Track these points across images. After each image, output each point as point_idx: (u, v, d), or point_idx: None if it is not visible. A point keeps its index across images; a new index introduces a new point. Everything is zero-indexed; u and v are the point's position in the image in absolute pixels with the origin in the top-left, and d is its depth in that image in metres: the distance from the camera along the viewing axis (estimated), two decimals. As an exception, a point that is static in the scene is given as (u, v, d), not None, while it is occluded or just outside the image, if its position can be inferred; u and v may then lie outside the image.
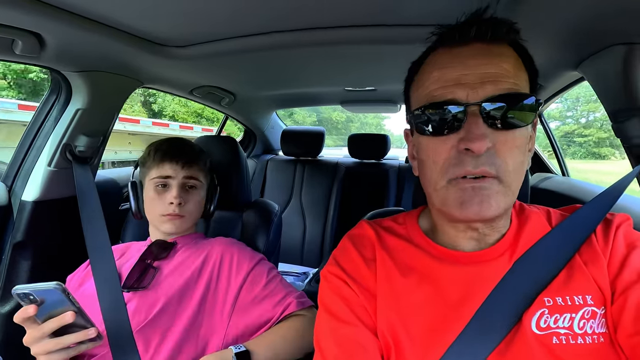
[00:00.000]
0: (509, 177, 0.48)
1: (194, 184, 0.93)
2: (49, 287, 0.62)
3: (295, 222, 2.21)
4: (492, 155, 0.47)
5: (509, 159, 0.48)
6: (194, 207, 0.93)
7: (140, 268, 0.86)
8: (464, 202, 0.49)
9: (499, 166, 0.48)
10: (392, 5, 0.80)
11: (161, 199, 0.89)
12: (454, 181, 0.49)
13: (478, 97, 0.48)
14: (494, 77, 0.48)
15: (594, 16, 0.67)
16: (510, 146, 0.48)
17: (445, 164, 0.50)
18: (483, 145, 0.46)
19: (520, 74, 0.50)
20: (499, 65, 0.48)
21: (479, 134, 0.47)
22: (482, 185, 0.48)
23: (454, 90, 0.49)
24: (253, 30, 0.95)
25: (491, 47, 0.50)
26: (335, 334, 0.55)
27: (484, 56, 0.49)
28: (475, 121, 0.47)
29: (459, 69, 0.49)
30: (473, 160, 0.47)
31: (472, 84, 0.48)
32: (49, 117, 1.13)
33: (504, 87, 0.48)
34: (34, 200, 1.10)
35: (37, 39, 0.81)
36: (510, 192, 0.49)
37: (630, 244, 0.50)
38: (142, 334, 0.77)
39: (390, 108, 2.22)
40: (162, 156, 0.90)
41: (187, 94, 1.60)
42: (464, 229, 0.54)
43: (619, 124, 0.74)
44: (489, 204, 0.48)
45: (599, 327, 0.47)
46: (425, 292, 0.53)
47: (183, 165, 0.90)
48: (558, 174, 1.70)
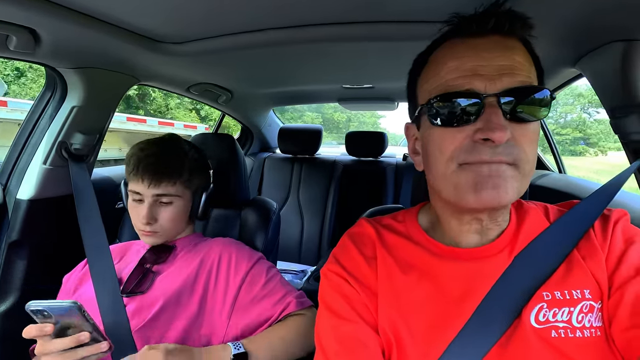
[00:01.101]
0: (527, 166, 0.48)
1: (169, 200, 0.86)
2: (66, 305, 0.62)
3: (293, 220, 2.21)
4: (511, 146, 0.47)
5: (528, 151, 0.48)
6: (169, 223, 0.87)
7: (139, 272, 0.85)
8: (478, 183, 0.47)
9: (516, 155, 0.47)
10: (390, 2, 0.79)
11: (136, 212, 0.86)
12: (467, 165, 0.48)
13: (496, 88, 0.47)
14: (510, 70, 0.48)
15: (593, 13, 0.67)
16: (527, 139, 0.48)
17: (455, 151, 0.49)
18: (504, 136, 0.46)
19: (532, 68, 0.51)
20: (514, 59, 0.48)
21: (500, 124, 0.46)
22: (498, 168, 0.47)
23: (471, 80, 0.48)
24: (250, 27, 0.95)
25: (505, 40, 0.50)
26: (336, 332, 0.55)
27: (499, 49, 0.49)
28: (495, 111, 0.47)
29: (475, 59, 0.49)
30: (490, 150, 0.47)
31: (490, 75, 0.48)
32: (44, 115, 1.11)
33: (520, 80, 0.48)
34: (30, 199, 1.09)
35: (31, 35, 0.80)
36: (525, 180, 0.49)
37: (628, 240, 0.51)
38: (141, 335, 0.77)
39: (387, 105, 2.22)
40: (130, 170, 0.85)
41: (184, 91, 1.59)
42: (468, 221, 0.54)
43: (617, 120, 0.74)
44: (505, 190, 0.47)
45: (597, 321, 0.47)
46: (426, 289, 0.53)
47: (150, 184, 0.83)
48: (555, 171, 1.71)
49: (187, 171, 0.89)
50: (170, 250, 0.91)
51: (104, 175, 1.41)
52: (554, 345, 0.46)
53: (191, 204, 0.93)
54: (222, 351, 0.74)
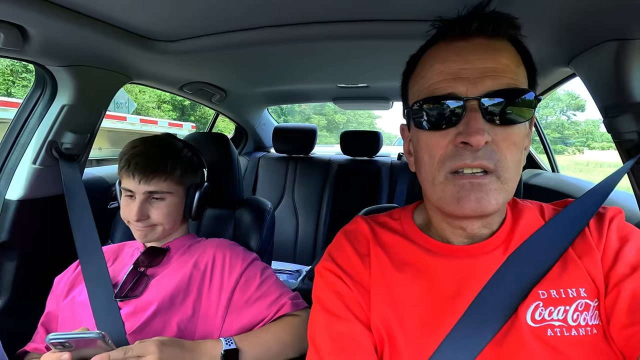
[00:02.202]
0: (507, 173, 0.48)
1: (160, 197, 0.86)
2: (92, 336, 0.62)
3: (287, 220, 2.20)
4: (491, 151, 0.47)
5: (508, 155, 0.48)
6: (162, 218, 0.86)
7: (133, 276, 0.84)
8: (461, 197, 0.48)
9: (497, 161, 0.47)
10: (385, 1, 0.79)
11: (128, 209, 0.85)
12: (452, 176, 0.49)
13: (477, 91, 0.48)
14: (494, 72, 0.48)
15: (586, 12, 0.67)
16: (508, 143, 0.48)
17: (441, 158, 0.50)
18: (481, 140, 0.46)
19: (519, 69, 0.50)
20: (499, 61, 0.48)
21: (478, 128, 0.46)
22: (480, 181, 0.48)
23: (453, 84, 0.49)
24: (244, 25, 0.94)
25: (491, 42, 0.50)
26: (329, 329, 0.55)
27: (484, 51, 0.49)
28: (474, 116, 0.47)
29: (458, 63, 0.49)
30: (471, 155, 0.47)
31: (472, 78, 0.48)
32: (34, 114, 1.09)
33: (503, 82, 0.48)
34: (19, 199, 1.07)
35: (19, 32, 0.79)
36: (508, 188, 0.49)
37: (623, 237, 0.51)
38: (135, 338, 0.76)
39: (382, 105, 2.22)
40: (122, 167, 0.85)
41: (178, 90, 1.58)
42: (458, 226, 0.54)
43: (610, 119, 0.75)
44: (487, 201, 0.48)
45: (592, 319, 0.47)
46: (420, 286, 0.53)
47: (140, 180, 0.83)
48: (548, 170, 1.72)
49: (178, 168, 0.88)
50: (163, 252, 0.90)
51: (96, 175, 1.40)
52: (549, 344, 0.46)
53: (184, 201, 0.92)
54: (213, 345, 0.74)
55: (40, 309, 0.88)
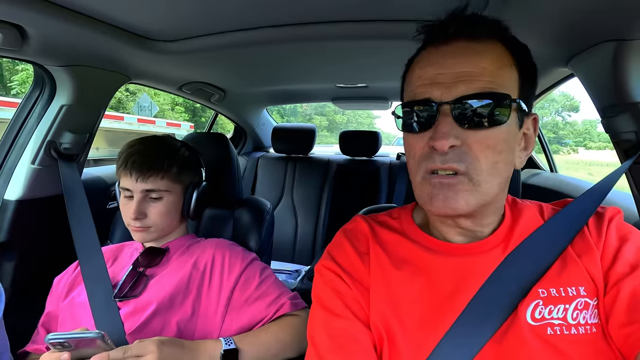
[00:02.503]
0: (479, 176, 0.49)
1: (158, 195, 0.86)
2: (91, 335, 0.62)
3: (287, 220, 2.20)
4: (462, 153, 0.48)
5: (481, 157, 0.48)
6: (159, 218, 0.86)
7: (133, 276, 0.84)
8: (432, 196, 0.50)
9: (469, 163, 0.48)
10: (384, 1, 0.79)
11: (126, 209, 0.86)
12: (427, 176, 0.51)
13: (451, 96, 0.48)
14: (469, 76, 0.48)
15: (584, 13, 0.68)
16: (481, 146, 0.48)
17: (419, 159, 0.52)
18: (445, 144, 0.47)
19: (503, 71, 0.50)
20: (476, 64, 0.48)
21: (443, 133, 0.48)
22: (449, 182, 0.49)
23: (430, 89, 0.50)
24: (243, 25, 0.94)
25: (471, 45, 0.50)
26: (328, 327, 0.55)
27: (462, 54, 0.49)
28: (444, 120, 0.48)
29: (436, 67, 0.50)
30: (440, 157, 0.49)
31: (447, 83, 0.49)
32: (32, 114, 1.09)
33: (477, 86, 0.48)
34: (18, 199, 1.07)
35: (18, 32, 0.79)
36: (482, 190, 0.49)
37: (623, 237, 0.51)
38: (134, 338, 0.76)
39: (381, 105, 2.23)
40: (118, 167, 0.85)
41: (177, 90, 1.58)
42: (451, 224, 0.55)
43: (608, 119, 0.75)
44: (455, 201, 0.49)
45: (592, 318, 0.48)
46: (420, 284, 0.54)
47: (137, 178, 0.83)
48: (546, 170, 1.73)
49: (175, 166, 0.88)
50: (163, 253, 0.90)
51: (95, 175, 1.39)
52: (549, 343, 0.47)
53: (182, 200, 0.92)
54: (213, 345, 0.74)
55: (40, 309, 0.88)
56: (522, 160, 0.54)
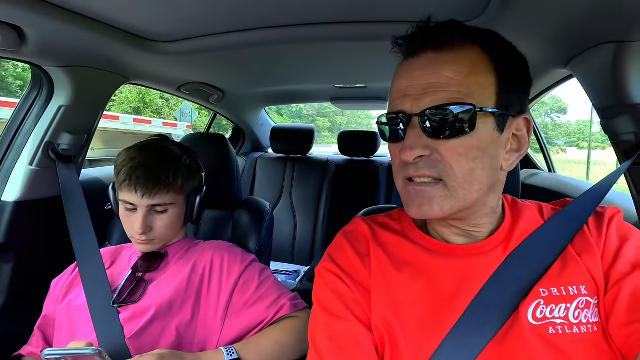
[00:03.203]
0: (454, 182, 0.49)
1: (163, 209, 0.85)
2: (87, 351, 0.61)
3: (285, 221, 2.20)
4: (434, 161, 0.49)
5: (455, 165, 0.49)
6: (164, 230, 0.86)
7: (132, 282, 0.84)
8: (408, 202, 0.53)
9: (441, 170, 0.49)
10: (382, 2, 0.79)
11: (129, 221, 0.84)
12: (406, 182, 0.53)
13: (419, 107, 0.49)
14: (434, 88, 0.48)
15: (584, 15, 0.68)
16: (452, 154, 0.49)
17: (397, 167, 0.54)
18: (409, 156, 0.49)
19: (474, 78, 0.48)
20: (442, 75, 0.48)
21: (408, 145, 0.49)
22: (423, 189, 0.50)
23: (402, 101, 0.51)
24: (242, 26, 0.94)
25: (439, 55, 0.49)
26: (329, 329, 0.55)
27: (430, 66, 0.49)
28: (411, 132, 0.50)
29: (407, 80, 0.51)
30: (413, 166, 0.50)
31: (415, 95, 0.50)
32: (30, 115, 1.08)
33: (442, 97, 0.48)
34: (15, 201, 1.06)
35: (16, 33, 0.78)
36: (458, 196, 0.50)
37: (623, 236, 0.52)
38: (133, 343, 0.76)
39: (380, 105, 2.23)
40: (121, 182, 0.82)
41: (175, 91, 1.57)
42: (447, 226, 0.56)
43: (608, 120, 0.75)
44: (430, 207, 0.50)
45: (593, 317, 0.48)
46: (420, 285, 0.54)
47: (143, 194, 0.81)
48: (545, 170, 1.73)
49: (180, 177, 0.86)
50: (162, 257, 0.89)
51: (93, 176, 1.39)
52: (551, 342, 0.47)
53: (185, 209, 0.91)
54: (214, 356, 0.74)
55: (37, 312, 0.87)
56: (512, 162, 0.53)
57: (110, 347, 0.74)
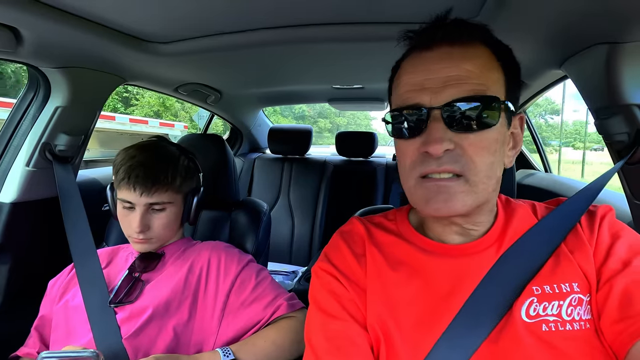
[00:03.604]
0: (475, 177, 0.49)
1: (161, 207, 0.85)
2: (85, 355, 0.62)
3: (283, 221, 2.20)
4: (457, 155, 0.49)
5: (476, 159, 0.49)
6: (162, 229, 0.86)
7: (128, 282, 0.84)
8: (429, 199, 0.50)
9: (464, 164, 0.49)
10: (380, 3, 0.80)
11: (127, 220, 0.84)
12: (421, 179, 0.51)
13: (440, 101, 0.49)
14: (456, 80, 0.49)
15: (578, 16, 0.68)
16: (475, 147, 0.49)
17: (411, 164, 0.52)
18: (439, 149, 0.48)
19: (488, 73, 0.50)
20: (462, 68, 0.49)
21: (437, 138, 0.48)
22: (446, 184, 0.49)
23: (418, 94, 0.50)
24: (239, 26, 0.94)
25: (456, 50, 0.50)
26: (325, 329, 0.55)
27: (447, 59, 0.50)
28: (436, 125, 0.48)
29: (423, 73, 0.50)
30: (435, 161, 0.49)
31: (435, 88, 0.49)
32: (27, 115, 1.08)
33: (466, 90, 0.48)
34: (12, 202, 1.06)
35: (13, 34, 0.78)
36: (479, 191, 0.50)
37: (615, 234, 0.52)
38: (130, 343, 0.76)
39: (377, 106, 2.23)
40: (120, 181, 0.83)
41: (172, 92, 1.57)
42: (447, 224, 0.55)
43: (601, 120, 0.76)
44: (453, 203, 0.49)
45: (585, 314, 0.48)
46: (416, 285, 0.54)
47: (142, 193, 0.81)
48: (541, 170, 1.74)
49: (178, 177, 0.87)
50: (158, 258, 0.89)
51: (90, 177, 1.38)
52: (544, 339, 0.47)
53: (183, 208, 0.91)
54: (211, 358, 0.74)
55: (34, 312, 0.87)
56: (511, 159, 0.55)
57: (107, 347, 0.74)
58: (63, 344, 0.79)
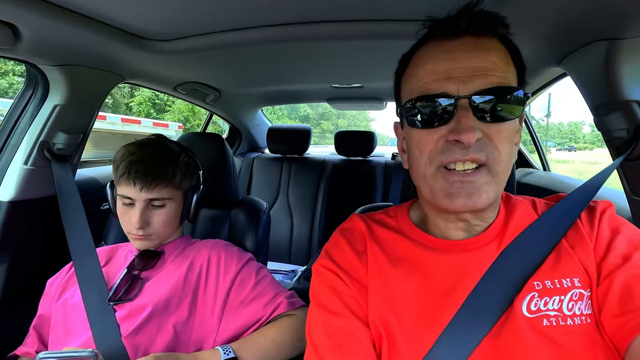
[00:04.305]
0: (498, 166, 0.50)
1: (161, 203, 0.85)
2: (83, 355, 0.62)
3: (282, 220, 2.20)
4: (483, 144, 0.49)
5: (501, 148, 0.49)
6: (161, 225, 0.86)
7: (127, 280, 0.84)
8: (452, 194, 0.50)
9: (489, 153, 0.49)
10: (378, 1, 0.80)
11: (127, 217, 0.84)
12: (443, 171, 0.50)
13: (468, 90, 0.49)
14: (483, 71, 0.49)
15: (576, 13, 0.69)
16: (500, 137, 0.49)
17: (432, 153, 0.51)
18: (472, 137, 0.48)
19: (508, 67, 0.51)
20: (488, 59, 0.49)
21: (469, 126, 0.48)
22: (470, 179, 0.49)
23: (444, 83, 0.50)
24: (238, 24, 0.94)
25: (480, 41, 0.51)
26: (326, 326, 0.55)
27: (473, 50, 0.50)
28: (465, 114, 0.48)
29: (449, 62, 0.50)
30: (462, 150, 0.49)
31: (462, 77, 0.49)
32: (25, 114, 1.08)
33: (493, 81, 0.49)
34: (10, 201, 1.05)
35: (11, 30, 0.78)
36: (500, 181, 0.51)
37: (615, 229, 0.52)
38: (129, 341, 0.75)
39: (376, 105, 2.23)
40: (121, 175, 0.82)
41: (171, 90, 1.57)
42: (454, 220, 0.55)
43: (601, 117, 0.76)
44: (478, 196, 0.49)
45: (586, 309, 0.48)
46: (417, 281, 0.54)
47: (142, 188, 0.81)
48: (539, 169, 1.75)
49: (178, 173, 0.87)
50: (158, 256, 0.89)
51: (89, 175, 1.38)
52: (545, 334, 0.47)
53: (182, 205, 0.91)
54: (211, 355, 0.73)
55: (32, 311, 0.87)
56: (515, 153, 0.56)
57: (106, 346, 0.74)
58: (62, 343, 0.79)
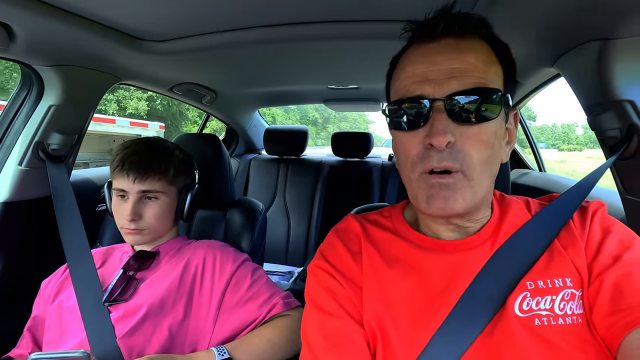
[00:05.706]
0: (473, 172, 0.49)
1: (154, 196, 0.86)
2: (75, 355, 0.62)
3: (279, 222, 2.20)
4: (456, 151, 0.49)
5: (474, 153, 0.49)
6: (154, 220, 0.86)
7: (123, 280, 0.83)
8: (430, 196, 0.50)
9: (462, 160, 0.49)
10: (373, 2, 0.80)
11: (120, 210, 0.84)
12: (424, 175, 0.51)
13: (443, 92, 0.49)
14: (460, 72, 0.49)
15: (569, 13, 0.69)
16: (474, 141, 0.49)
17: (414, 158, 0.51)
18: (443, 141, 0.48)
19: (490, 68, 0.51)
20: (466, 60, 0.49)
21: (440, 129, 0.48)
22: (447, 181, 0.49)
23: (422, 86, 0.50)
24: (234, 25, 0.94)
25: (459, 42, 0.51)
26: (322, 327, 0.55)
27: (451, 51, 0.50)
28: (439, 117, 0.48)
29: (427, 64, 0.50)
30: (437, 155, 0.49)
31: (438, 79, 0.49)
32: (20, 114, 1.08)
33: (469, 82, 0.49)
34: (4, 201, 1.05)
35: (5, 30, 0.77)
36: (476, 185, 0.50)
37: (606, 229, 0.53)
38: (124, 342, 0.75)
39: (372, 106, 2.24)
40: (115, 167, 0.84)
41: (167, 91, 1.57)
42: (443, 222, 0.55)
43: (594, 117, 0.76)
44: (454, 200, 0.49)
45: (578, 309, 0.49)
46: (411, 281, 0.54)
47: (135, 179, 0.82)
48: (535, 170, 1.76)
49: (172, 168, 0.89)
50: (153, 256, 0.88)
51: (84, 176, 1.37)
52: (537, 334, 0.47)
53: (176, 202, 0.91)
54: (206, 357, 0.73)
55: (27, 313, 0.86)
56: (507, 154, 0.56)
57: (101, 347, 0.73)
58: (56, 344, 0.78)
